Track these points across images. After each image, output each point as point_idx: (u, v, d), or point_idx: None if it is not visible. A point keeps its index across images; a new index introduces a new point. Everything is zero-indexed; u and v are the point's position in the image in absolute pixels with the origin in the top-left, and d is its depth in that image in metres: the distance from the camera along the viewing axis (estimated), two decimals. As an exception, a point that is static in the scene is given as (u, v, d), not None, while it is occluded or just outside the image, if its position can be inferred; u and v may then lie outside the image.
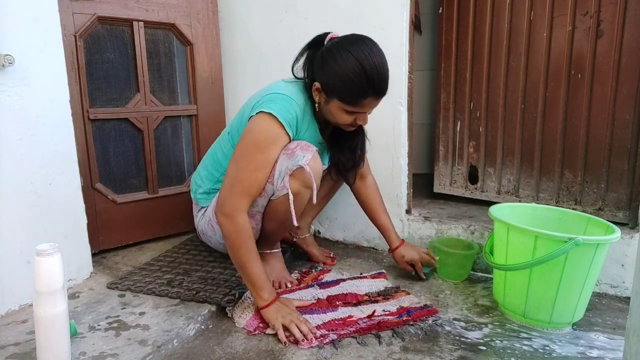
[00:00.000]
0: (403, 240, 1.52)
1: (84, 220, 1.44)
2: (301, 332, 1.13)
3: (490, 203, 1.64)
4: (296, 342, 1.12)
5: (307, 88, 1.27)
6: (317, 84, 1.21)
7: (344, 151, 1.38)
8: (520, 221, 1.29)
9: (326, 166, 1.46)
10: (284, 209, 1.26)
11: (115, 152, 1.67)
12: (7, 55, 1.15)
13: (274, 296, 1.21)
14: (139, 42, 1.65)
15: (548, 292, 1.19)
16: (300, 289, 1.41)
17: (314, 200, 1.25)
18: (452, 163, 1.89)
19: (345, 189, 1.71)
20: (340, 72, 1.15)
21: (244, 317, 1.23)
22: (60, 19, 1.33)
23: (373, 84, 1.14)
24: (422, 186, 2.16)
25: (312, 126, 1.31)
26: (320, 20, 1.74)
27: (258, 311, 1.21)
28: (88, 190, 1.56)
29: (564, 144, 1.59)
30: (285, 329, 1.14)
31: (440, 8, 1.82)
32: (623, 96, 1.46)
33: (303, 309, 1.28)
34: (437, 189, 1.95)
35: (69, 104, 1.36)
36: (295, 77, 1.32)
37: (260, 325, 1.20)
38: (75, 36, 1.49)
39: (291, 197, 1.22)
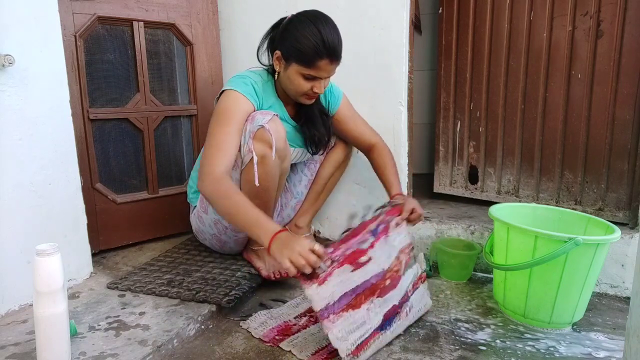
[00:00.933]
0: (400, 192, 1.40)
1: (84, 220, 1.44)
2: (310, 264, 0.99)
3: (490, 203, 1.64)
4: (311, 278, 1.00)
5: (271, 70, 1.38)
6: (277, 53, 1.31)
7: (319, 127, 1.46)
8: (520, 221, 1.29)
9: (303, 150, 1.51)
10: (251, 178, 1.29)
11: (115, 152, 1.67)
12: (7, 55, 1.15)
13: (278, 228, 1.06)
14: (139, 42, 1.65)
15: (548, 292, 1.19)
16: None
17: (273, 157, 1.28)
18: (452, 163, 1.89)
19: (345, 189, 1.72)
20: (297, 34, 1.25)
21: (261, 330, 1.20)
22: (60, 19, 1.32)
23: (328, 45, 1.24)
24: (422, 186, 2.16)
25: (277, 104, 1.40)
26: (320, 20, 1.73)
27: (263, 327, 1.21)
28: (88, 190, 1.56)
29: (564, 144, 1.59)
30: (292, 263, 0.99)
31: (440, 8, 1.82)
32: (623, 96, 1.46)
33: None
34: (437, 189, 1.95)
35: (69, 104, 1.36)
36: (261, 64, 1.42)
37: (276, 337, 1.16)
38: (75, 36, 1.49)
39: (255, 158, 1.26)
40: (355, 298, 1.09)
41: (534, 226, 1.22)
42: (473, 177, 1.84)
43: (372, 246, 1.17)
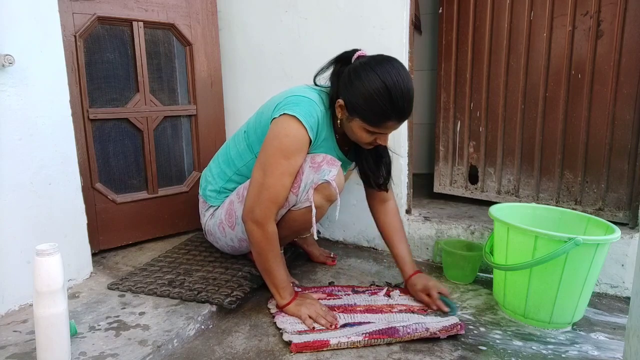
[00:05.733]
0: (418, 270, 1.39)
1: (84, 220, 1.44)
2: (327, 321, 1.20)
3: (490, 203, 1.64)
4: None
5: (330, 99, 1.25)
6: (340, 101, 1.19)
7: (371, 166, 1.36)
8: (520, 221, 1.29)
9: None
10: (302, 220, 1.27)
11: (115, 152, 1.67)
12: (7, 55, 1.15)
13: (294, 294, 1.27)
14: (138, 42, 1.65)
15: (548, 292, 1.19)
16: None
17: (337, 217, 1.28)
18: (452, 163, 1.89)
19: (345, 189, 1.71)
20: (364, 92, 1.12)
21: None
22: (60, 19, 1.32)
23: (397, 107, 1.12)
24: (422, 186, 2.16)
25: (330, 137, 1.30)
26: (320, 20, 1.74)
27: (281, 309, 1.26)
28: (88, 190, 1.56)
29: (564, 144, 1.59)
30: (312, 319, 1.20)
31: (440, 8, 1.82)
32: (623, 96, 1.46)
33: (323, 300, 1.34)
34: (437, 189, 1.95)
35: (69, 104, 1.36)
36: (316, 84, 1.31)
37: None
38: (75, 36, 1.49)
39: (314, 210, 1.22)
40: None
41: (534, 226, 1.22)
42: (473, 177, 1.84)
43: (347, 294, 1.38)
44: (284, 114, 1.18)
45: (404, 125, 1.65)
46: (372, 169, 1.37)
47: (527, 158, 1.69)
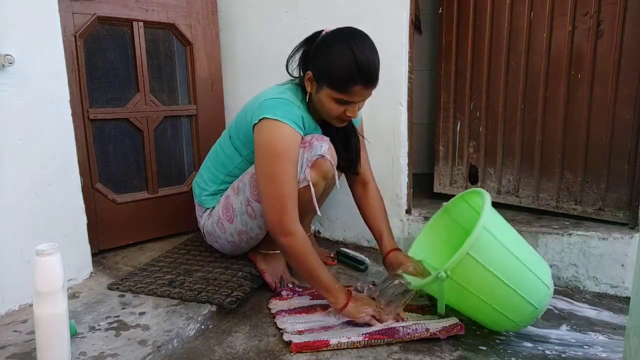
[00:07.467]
0: (398, 248, 1.39)
1: (84, 220, 1.44)
2: (390, 317, 1.20)
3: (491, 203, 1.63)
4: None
5: (302, 86, 1.28)
6: (309, 73, 1.23)
7: (340, 150, 1.36)
8: (434, 250, 1.38)
9: None
10: (301, 202, 1.26)
11: (115, 152, 1.67)
12: (7, 55, 1.15)
13: (348, 294, 1.22)
14: (138, 42, 1.65)
15: (508, 294, 1.09)
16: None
17: (337, 185, 1.31)
18: (452, 163, 1.89)
19: (345, 190, 1.71)
20: (331, 57, 1.16)
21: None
22: (60, 19, 1.32)
23: (362, 71, 1.14)
24: (422, 186, 2.15)
25: (315, 127, 1.33)
26: (320, 20, 1.74)
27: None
28: (88, 190, 1.56)
29: (564, 144, 1.59)
30: (376, 319, 1.19)
31: (440, 8, 1.82)
32: (623, 96, 1.46)
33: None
34: (437, 189, 1.95)
35: (69, 104, 1.36)
36: (291, 76, 1.34)
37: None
38: (75, 36, 1.49)
39: (312, 188, 1.23)
40: (310, 308, 1.28)
41: (434, 249, 1.34)
42: (473, 177, 1.84)
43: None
44: (265, 119, 1.19)
45: (404, 125, 1.66)
46: (340, 150, 1.37)
47: (527, 158, 1.69)
